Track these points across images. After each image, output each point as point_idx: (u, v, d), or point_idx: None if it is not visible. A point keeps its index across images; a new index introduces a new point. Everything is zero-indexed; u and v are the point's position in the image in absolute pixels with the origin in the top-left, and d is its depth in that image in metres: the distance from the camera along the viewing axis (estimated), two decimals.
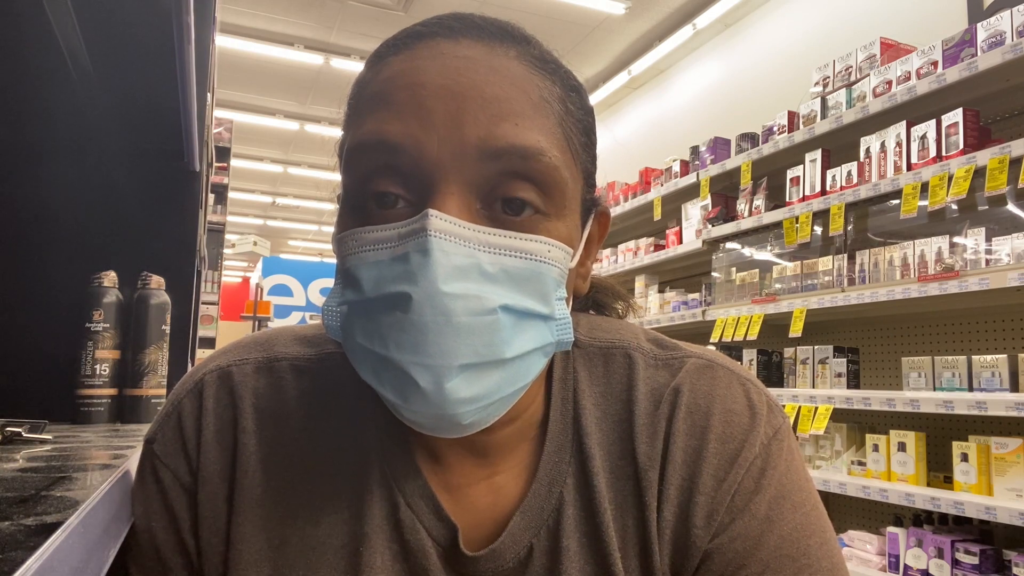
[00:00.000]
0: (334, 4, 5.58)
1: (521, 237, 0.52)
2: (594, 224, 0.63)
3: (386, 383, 0.51)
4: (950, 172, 2.53)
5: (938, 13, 3.49)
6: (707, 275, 3.95)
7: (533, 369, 0.54)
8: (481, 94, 0.51)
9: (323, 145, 8.85)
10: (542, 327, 0.53)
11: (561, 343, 0.55)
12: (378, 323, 0.50)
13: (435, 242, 0.49)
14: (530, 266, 0.52)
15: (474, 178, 0.51)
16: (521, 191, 0.52)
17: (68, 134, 1.31)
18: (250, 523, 0.59)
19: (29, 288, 1.27)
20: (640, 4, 5.29)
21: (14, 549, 0.32)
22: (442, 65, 0.52)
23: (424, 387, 0.49)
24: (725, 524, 0.58)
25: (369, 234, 0.52)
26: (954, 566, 2.43)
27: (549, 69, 0.56)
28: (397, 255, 0.50)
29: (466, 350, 0.49)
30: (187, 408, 0.63)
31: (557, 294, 0.54)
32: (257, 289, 9.65)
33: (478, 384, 0.50)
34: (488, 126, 0.51)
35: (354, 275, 0.52)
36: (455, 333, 0.48)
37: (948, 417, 2.87)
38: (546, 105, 0.54)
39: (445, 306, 0.48)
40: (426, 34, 0.55)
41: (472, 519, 0.60)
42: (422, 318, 0.48)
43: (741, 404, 0.61)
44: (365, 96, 0.56)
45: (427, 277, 0.48)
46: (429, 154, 0.51)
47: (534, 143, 0.52)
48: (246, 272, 15.28)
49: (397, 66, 0.54)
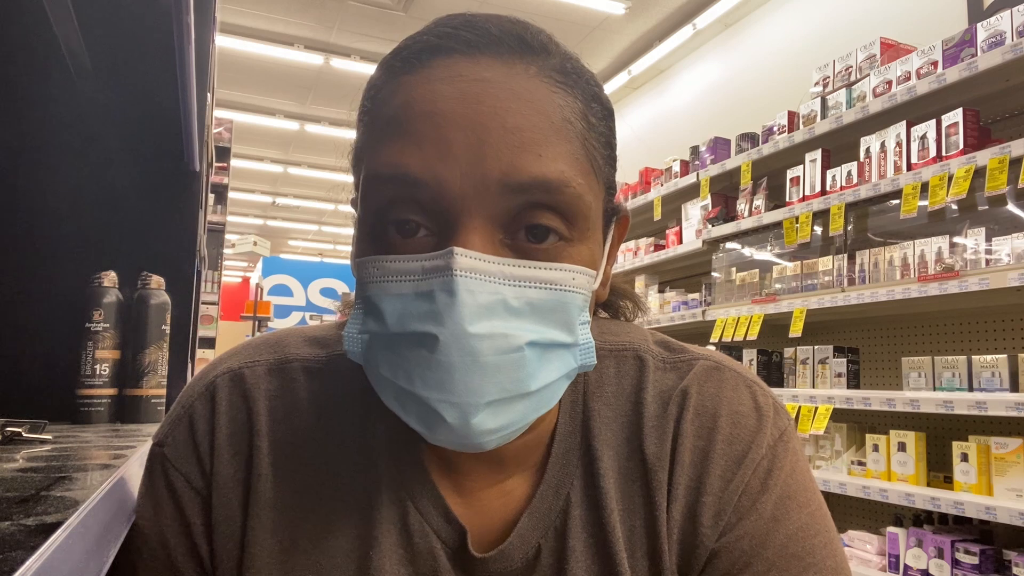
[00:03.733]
0: (334, 4, 5.58)
1: (545, 267, 0.52)
2: (615, 229, 0.62)
3: (411, 414, 0.51)
4: (950, 172, 2.53)
5: (938, 13, 3.49)
6: (707, 275, 3.95)
7: (557, 394, 0.54)
8: (502, 124, 0.50)
9: (323, 145, 8.86)
10: (566, 355, 0.53)
11: (584, 366, 0.55)
12: (403, 358, 0.50)
13: (461, 282, 0.48)
14: (555, 296, 0.52)
15: (497, 210, 0.51)
16: (545, 219, 0.52)
17: (68, 134, 1.31)
18: (262, 527, 0.59)
19: (29, 288, 1.27)
20: (640, 4, 5.29)
21: (14, 549, 0.32)
22: (461, 91, 0.51)
23: (451, 422, 0.49)
24: (732, 523, 0.58)
25: (391, 264, 0.51)
26: (954, 566, 2.43)
27: (570, 82, 0.55)
28: (421, 291, 0.50)
29: (493, 388, 0.49)
30: (199, 411, 0.62)
31: (581, 319, 0.54)
32: (257, 289, 9.66)
33: (504, 416, 0.50)
34: (510, 159, 0.50)
35: (376, 305, 0.52)
36: (482, 372, 0.49)
37: (948, 417, 2.87)
38: (568, 126, 0.53)
39: (472, 347, 0.48)
40: (443, 49, 0.53)
41: (481, 521, 0.60)
42: (449, 359, 0.48)
43: (748, 406, 0.62)
44: (382, 118, 0.54)
45: (453, 319, 0.48)
46: (451, 188, 0.50)
47: (557, 175, 0.51)
48: (246, 272, 15.29)
49: (414, 89, 0.53)
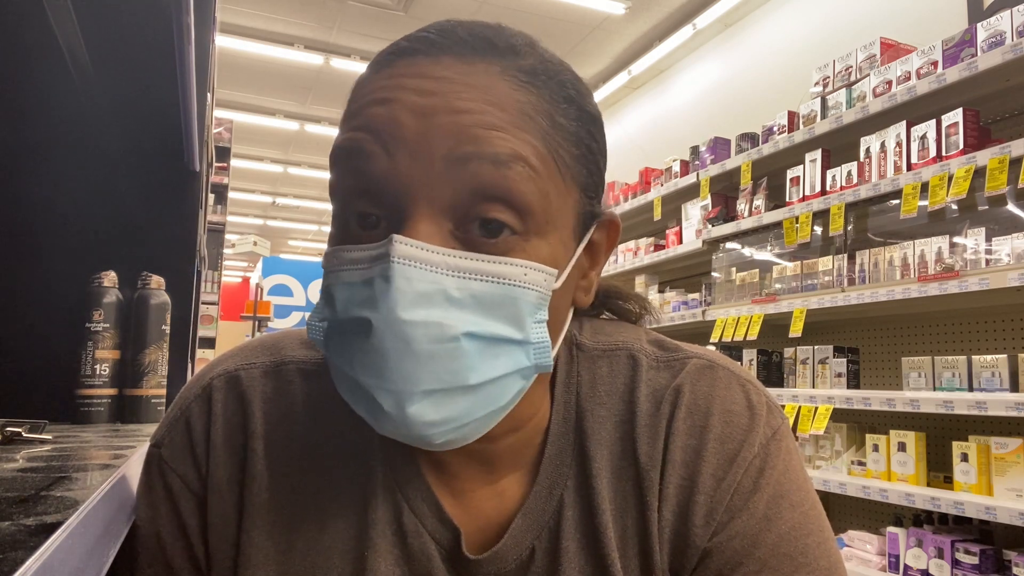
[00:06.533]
0: (334, 4, 5.58)
1: (494, 260, 0.51)
2: (600, 234, 0.61)
3: (359, 402, 0.52)
4: (950, 172, 2.53)
5: (938, 13, 3.49)
6: (707, 275, 3.94)
7: (508, 392, 0.53)
8: (451, 108, 0.51)
9: (323, 145, 8.86)
10: (516, 351, 0.52)
11: (540, 366, 0.54)
12: (348, 344, 0.51)
13: (398, 268, 0.48)
14: (501, 290, 0.51)
15: (446, 196, 0.50)
16: (496, 212, 0.51)
17: (68, 134, 1.31)
18: (258, 528, 0.59)
19: (29, 288, 1.27)
20: (640, 4, 5.29)
21: (14, 549, 0.32)
22: (417, 84, 0.52)
23: (388, 411, 0.49)
24: (724, 523, 0.58)
25: (347, 253, 0.52)
26: (954, 566, 2.43)
27: (538, 83, 0.54)
28: (365, 279, 0.50)
29: (427, 376, 0.49)
30: (196, 413, 0.62)
31: (535, 317, 0.53)
32: (257, 289, 9.65)
33: (445, 408, 0.50)
34: (456, 137, 0.50)
35: (331, 293, 0.53)
36: (415, 360, 0.48)
37: (948, 417, 2.87)
38: (526, 119, 0.52)
39: (404, 333, 0.48)
40: (408, 51, 0.54)
41: (475, 522, 0.60)
42: (383, 344, 0.48)
43: (741, 405, 0.62)
44: (347, 113, 0.56)
45: (387, 304, 0.48)
46: (400, 167, 0.50)
47: (504, 150, 0.50)
48: (246, 272, 15.29)
49: (375, 83, 0.54)
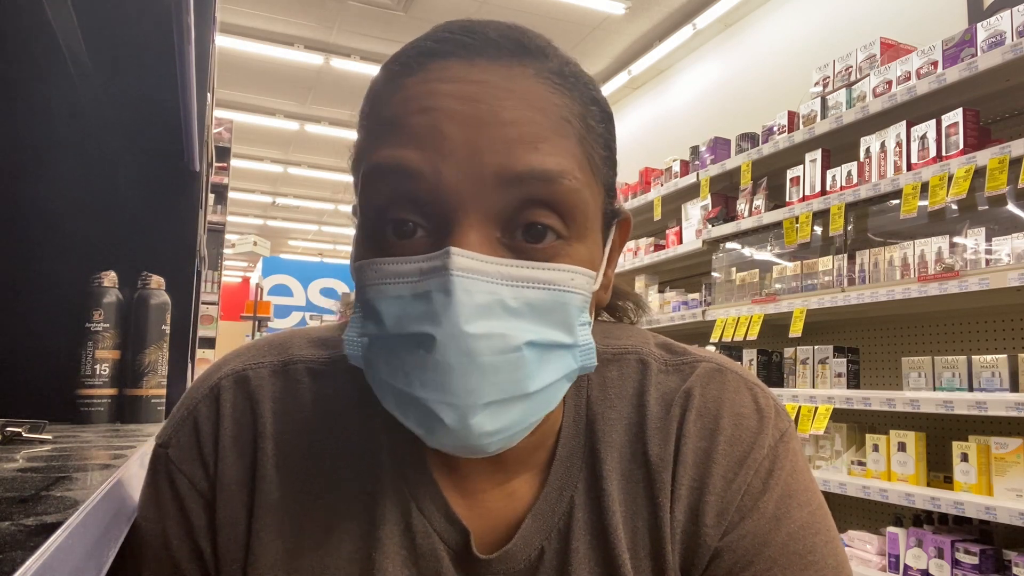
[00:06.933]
0: (334, 4, 5.57)
1: (544, 267, 0.51)
2: (615, 232, 0.62)
3: (411, 418, 0.51)
4: (950, 172, 2.53)
5: (938, 13, 3.49)
6: (707, 275, 3.94)
7: (557, 395, 0.54)
8: (498, 118, 0.50)
9: (323, 145, 8.86)
10: (566, 356, 0.53)
11: (585, 368, 0.55)
12: (402, 361, 0.50)
13: (458, 281, 0.48)
14: (553, 296, 0.51)
15: (494, 207, 0.50)
16: (542, 217, 0.51)
17: (68, 134, 1.31)
18: (268, 529, 0.59)
19: (29, 288, 1.27)
20: (640, 4, 5.29)
21: (14, 549, 0.32)
22: (458, 90, 0.51)
23: (450, 424, 0.49)
24: (735, 523, 0.59)
25: (389, 266, 0.51)
26: (954, 566, 2.43)
27: (568, 84, 0.55)
28: (419, 292, 0.50)
29: (491, 388, 0.49)
30: (203, 413, 0.62)
31: (580, 320, 0.54)
32: (257, 289, 9.67)
33: (503, 417, 0.50)
34: (506, 152, 0.50)
35: (374, 308, 0.52)
36: (480, 373, 0.48)
37: (948, 417, 2.87)
38: (566, 125, 0.53)
39: (469, 347, 0.48)
40: (440, 53, 0.53)
41: (485, 523, 0.60)
42: (446, 359, 0.48)
43: (750, 408, 0.63)
44: (381, 118, 0.54)
45: (450, 319, 0.48)
46: (448, 182, 0.50)
47: (554, 166, 0.51)
48: (246, 272, 15.29)
49: (412, 89, 0.53)
